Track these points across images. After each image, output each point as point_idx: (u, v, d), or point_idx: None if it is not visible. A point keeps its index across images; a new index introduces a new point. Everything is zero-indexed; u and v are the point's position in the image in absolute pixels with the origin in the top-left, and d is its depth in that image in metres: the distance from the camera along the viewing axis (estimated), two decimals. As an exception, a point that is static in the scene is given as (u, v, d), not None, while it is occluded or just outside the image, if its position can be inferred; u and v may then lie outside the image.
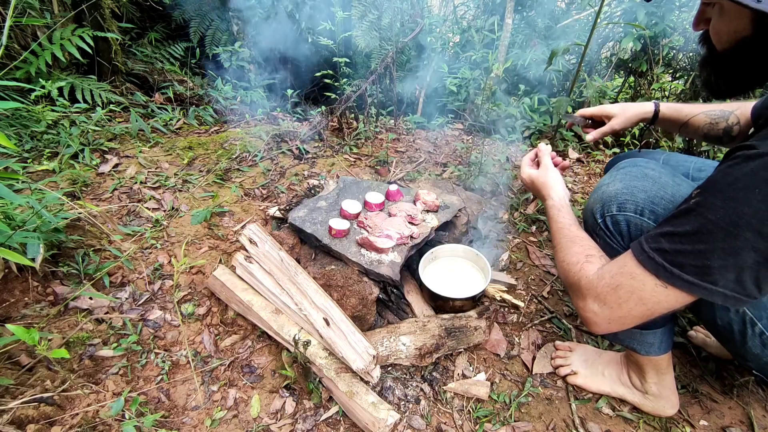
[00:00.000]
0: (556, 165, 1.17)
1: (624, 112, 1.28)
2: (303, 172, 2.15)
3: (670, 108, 1.27)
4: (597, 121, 1.34)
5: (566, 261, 0.94)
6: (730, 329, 0.93)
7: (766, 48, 0.72)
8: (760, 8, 0.61)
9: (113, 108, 2.42)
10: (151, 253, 1.60)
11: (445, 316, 1.38)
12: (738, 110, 1.22)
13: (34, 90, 2.07)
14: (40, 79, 2.13)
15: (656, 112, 1.27)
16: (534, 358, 1.35)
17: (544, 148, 1.19)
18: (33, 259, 1.25)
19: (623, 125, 1.29)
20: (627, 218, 0.93)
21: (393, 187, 1.64)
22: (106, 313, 1.38)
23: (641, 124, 1.36)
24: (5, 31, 1.30)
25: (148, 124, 2.31)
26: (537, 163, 1.20)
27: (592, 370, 1.26)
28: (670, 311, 0.80)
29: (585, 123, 1.36)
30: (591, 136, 1.31)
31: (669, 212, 0.86)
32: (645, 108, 1.27)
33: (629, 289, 0.79)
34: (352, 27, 3.07)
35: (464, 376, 1.30)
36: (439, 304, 1.43)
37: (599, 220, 0.97)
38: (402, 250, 1.40)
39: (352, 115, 2.67)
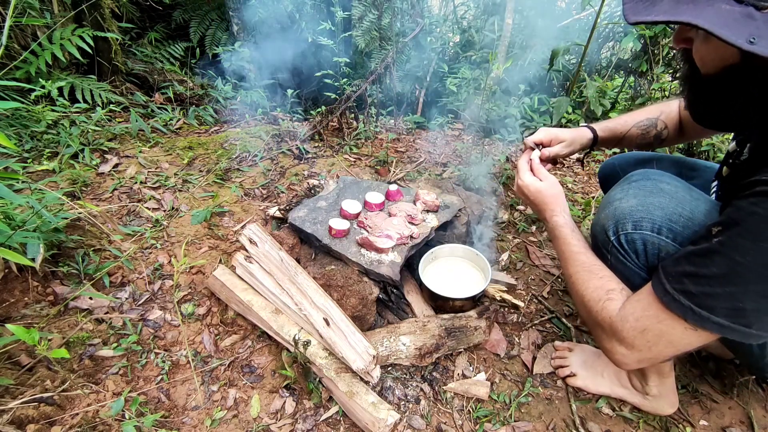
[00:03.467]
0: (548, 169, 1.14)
1: (573, 141, 1.30)
2: (303, 172, 2.15)
3: (605, 130, 1.30)
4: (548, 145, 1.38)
5: (586, 297, 0.91)
6: (749, 346, 0.92)
7: (754, 77, 0.68)
8: (753, 50, 0.56)
9: (113, 108, 2.42)
10: (151, 253, 1.60)
11: (445, 316, 1.38)
12: (662, 115, 1.25)
13: (34, 90, 2.07)
14: (40, 79, 2.13)
15: (595, 138, 1.30)
16: (534, 358, 1.35)
17: (536, 156, 1.15)
18: (33, 259, 1.25)
19: (570, 152, 1.32)
20: (643, 237, 0.88)
21: (393, 187, 1.64)
22: (106, 313, 1.38)
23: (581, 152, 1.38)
24: (5, 31, 1.30)
25: (148, 124, 2.31)
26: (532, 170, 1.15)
27: (592, 371, 1.25)
28: (701, 348, 0.79)
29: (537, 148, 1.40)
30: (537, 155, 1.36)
31: (688, 230, 0.84)
32: (587, 136, 1.30)
33: (657, 333, 0.78)
34: (352, 27, 3.07)
35: (464, 376, 1.30)
36: (439, 304, 1.43)
37: (612, 238, 0.93)
38: (402, 250, 1.40)
39: (352, 115, 2.67)
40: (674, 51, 2.78)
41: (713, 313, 0.70)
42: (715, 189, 1.02)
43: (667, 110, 1.26)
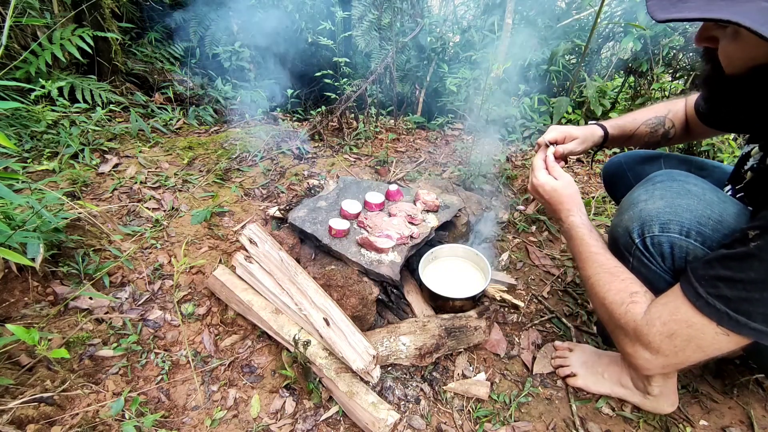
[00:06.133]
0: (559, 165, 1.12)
1: (585, 138, 1.28)
2: (303, 172, 2.15)
3: (615, 128, 1.29)
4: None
5: (607, 299, 0.88)
6: None
7: None
8: None
9: (113, 108, 2.42)
10: (151, 253, 1.60)
11: (445, 316, 1.38)
12: (670, 113, 1.25)
13: (34, 90, 2.07)
14: (40, 79, 2.13)
15: (606, 135, 1.29)
16: (534, 358, 1.35)
17: (551, 154, 1.12)
18: (33, 259, 1.25)
19: (583, 150, 1.30)
20: (671, 240, 0.85)
21: (393, 187, 1.64)
22: (106, 313, 1.38)
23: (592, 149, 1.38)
24: (5, 31, 1.30)
25: (148, 124, 2.31)
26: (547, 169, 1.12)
27: (592, 371, 1.25)
28: (727, 354, 0.77)
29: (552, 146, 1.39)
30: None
31: (717, 234, 0.81)
32: (598, 134, 1.29)
33: (686, 338, 0.76)
34: (352, 27, 3.07)
35: (464, 376, 1.30)
36: (439, 304, 1.43)
37: (637, 240, 0.89)
38: (402, 250, 1.40)
39: (352, 115, 2.67)
40: (674, 51, 2.78)
41: (751, 318, 0.68)
42: (729, 193, 1.00)
43: (675, 108, 1.25)
